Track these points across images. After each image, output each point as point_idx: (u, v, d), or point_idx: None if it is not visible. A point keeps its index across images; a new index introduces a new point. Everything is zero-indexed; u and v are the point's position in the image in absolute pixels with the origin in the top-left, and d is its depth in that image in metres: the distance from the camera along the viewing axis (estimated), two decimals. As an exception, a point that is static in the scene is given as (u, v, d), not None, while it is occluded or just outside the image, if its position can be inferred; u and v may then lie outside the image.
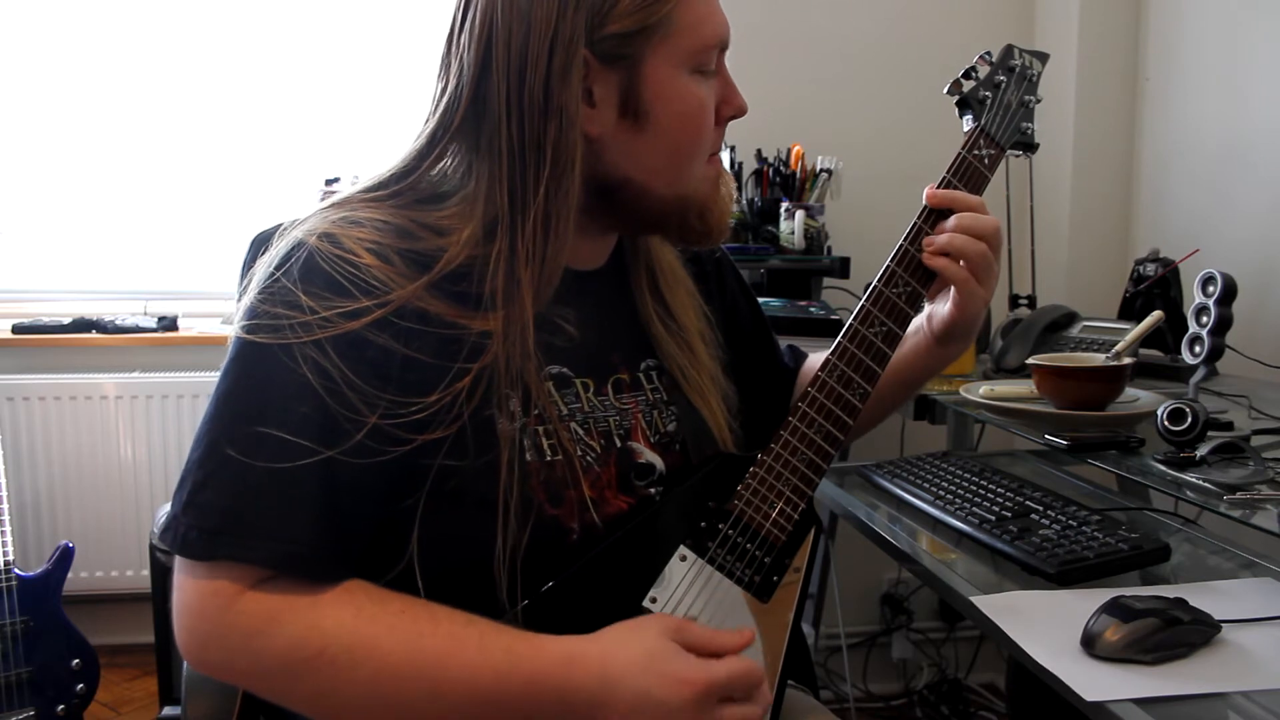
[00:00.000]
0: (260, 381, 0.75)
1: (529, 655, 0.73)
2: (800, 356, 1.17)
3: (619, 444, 0.88)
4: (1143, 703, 0.80)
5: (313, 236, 0.79)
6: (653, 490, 0.88)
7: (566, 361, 0.86)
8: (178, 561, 0.75)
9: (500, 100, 0.79)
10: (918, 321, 1.03)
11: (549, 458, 0.82)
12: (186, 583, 0.74)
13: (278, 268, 0.78)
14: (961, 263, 0.93)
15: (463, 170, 0.83)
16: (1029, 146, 1.02)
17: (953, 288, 0.96)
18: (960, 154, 0.97)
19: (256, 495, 0.73)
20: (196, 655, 0.74)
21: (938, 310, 0.99)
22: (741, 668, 0.76)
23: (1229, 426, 1.28)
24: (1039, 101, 1.02)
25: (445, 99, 0.83)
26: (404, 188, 0.84)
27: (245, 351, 0.76)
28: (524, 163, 0.80)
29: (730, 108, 0.88)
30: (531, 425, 0.81)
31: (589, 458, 0.85)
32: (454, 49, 0.83)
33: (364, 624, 0.73)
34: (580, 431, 0.86)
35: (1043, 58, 1.04)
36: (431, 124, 0.84)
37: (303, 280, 0.77)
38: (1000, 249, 0.96)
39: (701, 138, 0.86)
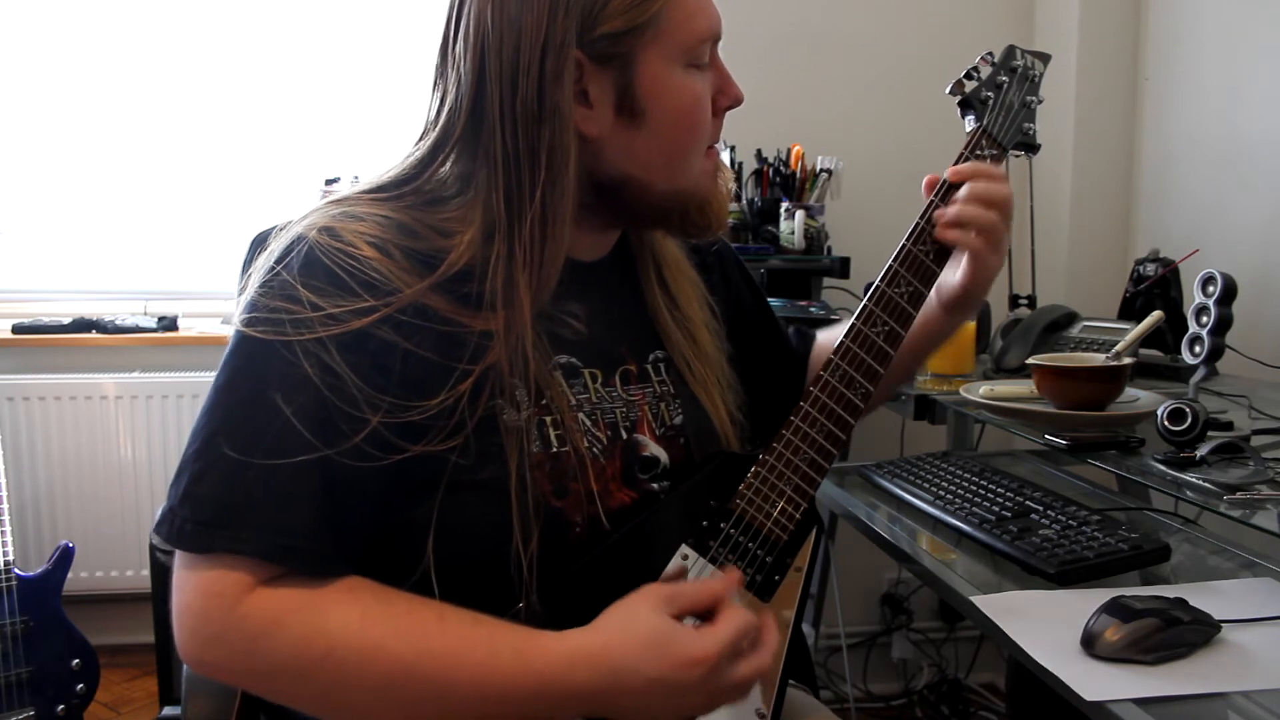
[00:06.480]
0: (259, 375, 0.75)
1: (536, 655, 0.73)
2: (808, 339, 1.17)
3: (625, 436, 0.88)
4: (1143, 703, 0.80)
5: (312, 230, 0.79)
6: (656, 485, 0.88)
7: (574, 352, 0.86)
8: (178, 558, 0.74)
9: (495, 108, 0.79)
10: None
11: (555, 449, 0.82)
12: (188, 583, 0.73)
13: (278, 262, 0.78)
14: (974, 233, 0.93)
15: (463, 177, 0.84)
16: (1031, 147, 1.02)
17: (965, 258, 0.96)
18: (962, 154, 0.97)
19: (253, 488, 0.72)
20: (197, 656, 0.73)
21: (947, 280, 0.99)
22: (741, 622, 0.75)
23: (1229, 426, 1.28)
24: (1041, 102, 1.02)
25: (445, 110, 0.83)
26: (406, 191, 0.84)
27: (244, 345, 0.76)
28: (519, 169, 0.80)
29: (727, 98, 0.88)
30: (538, 416, 0.81)
31: (595, 449, 0.85)
32: (449, 60, 0.83)
33: (370, 625, 0.73)
34: (587, 422, 0.85)
35: (1045, 58, 1.04)
36: (433, 136, 0.84)
37: (302, 274, 0.77)
38: (1011, 218, 0.95)
39: (699, 132, 0.86)
